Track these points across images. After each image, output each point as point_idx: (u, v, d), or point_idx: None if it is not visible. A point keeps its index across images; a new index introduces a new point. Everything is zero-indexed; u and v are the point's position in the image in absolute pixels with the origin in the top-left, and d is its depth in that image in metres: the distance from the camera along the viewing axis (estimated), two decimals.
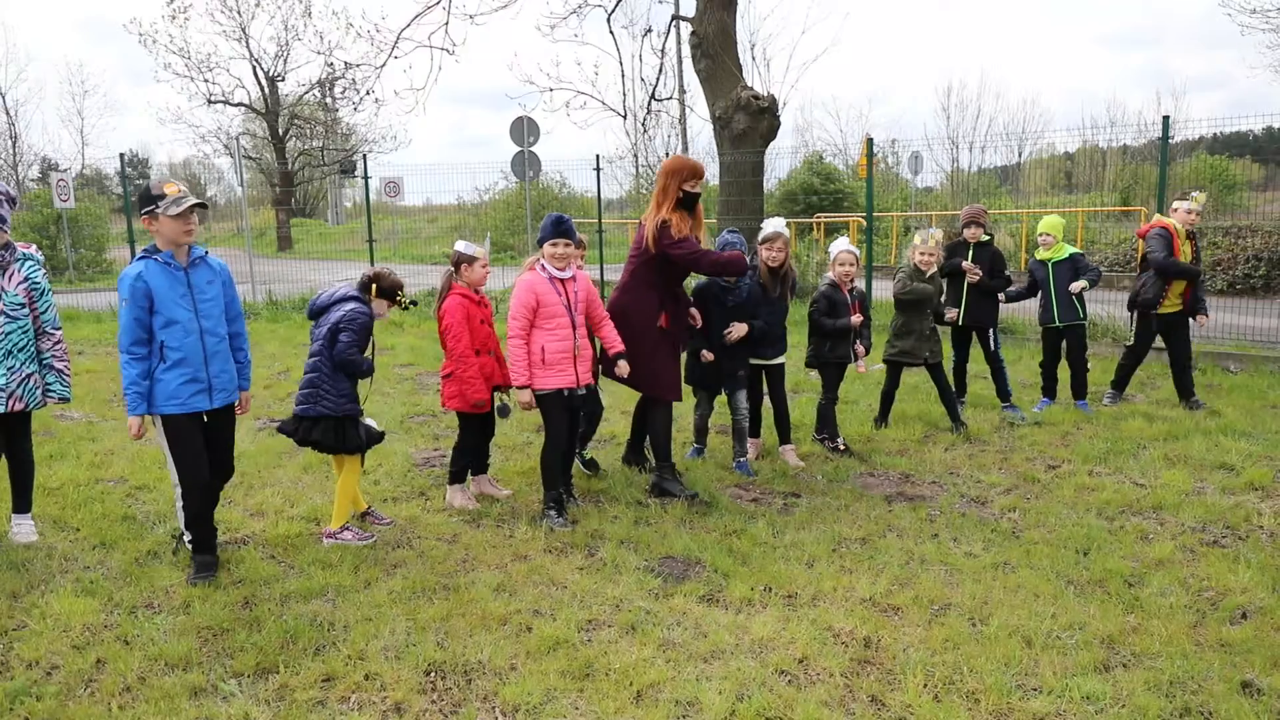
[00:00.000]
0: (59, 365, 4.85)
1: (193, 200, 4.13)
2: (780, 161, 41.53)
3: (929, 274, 6.77)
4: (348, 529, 4.84)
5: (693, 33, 12.21)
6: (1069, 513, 5.19)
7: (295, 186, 40.64)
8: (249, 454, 6.36)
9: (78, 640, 3.77)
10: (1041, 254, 7.37)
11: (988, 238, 7.34)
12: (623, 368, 5.23)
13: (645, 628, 3.81)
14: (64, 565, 4.57)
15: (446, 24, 13.18)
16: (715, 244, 5.90)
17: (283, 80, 35.81)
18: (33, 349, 4.73)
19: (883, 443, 6.71)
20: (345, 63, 16.02)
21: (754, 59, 27.30)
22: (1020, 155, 35.04)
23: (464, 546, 4.79)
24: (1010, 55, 67.57)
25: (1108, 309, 10.61)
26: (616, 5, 13.58)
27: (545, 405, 5.08)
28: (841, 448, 6.43)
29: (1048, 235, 7.33)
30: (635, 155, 31.21)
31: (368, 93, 14.56)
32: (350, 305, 4.78)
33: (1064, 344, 7.46)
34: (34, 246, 4.86)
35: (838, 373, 6.59)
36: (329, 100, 36.40)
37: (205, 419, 4.35)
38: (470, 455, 5.56)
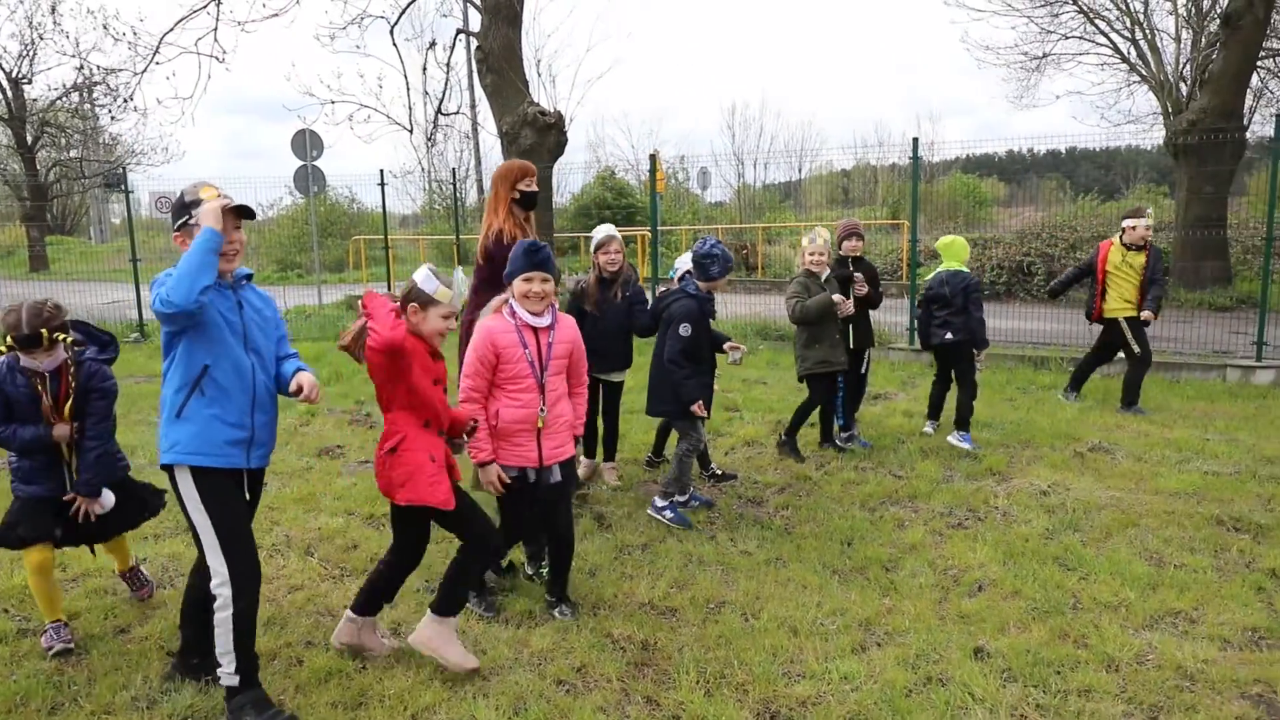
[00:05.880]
0: None
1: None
2: (573, 177, 42.01)
3: (824, 276, 6.43)
4: (49, 629, 3.82)
5: (478, 48, 12.16)
6: (836, 506, 5.55)
7: (50, 200, 36.96)
8: None
9: None
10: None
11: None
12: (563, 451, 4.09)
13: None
14: None
15: (215, 30, 12.45)
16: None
17: (29, 83, 32.48)
18: None
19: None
20: (99, 67, 14.74)
21: (539, 75, 27.54)
22: (800, 172, 37.20)
23: None
24: (788, 77, 71.97)
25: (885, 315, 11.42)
26: (400, 17, 13.31)
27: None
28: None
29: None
30: (426, 170, 30.63)
31: (126, 100, 13.43)
32: None
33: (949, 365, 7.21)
34: None
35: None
36: (86, 107, 33.36)
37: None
38: (401, 575, 3.77)
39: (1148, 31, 20.44)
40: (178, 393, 3.15)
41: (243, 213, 3.24)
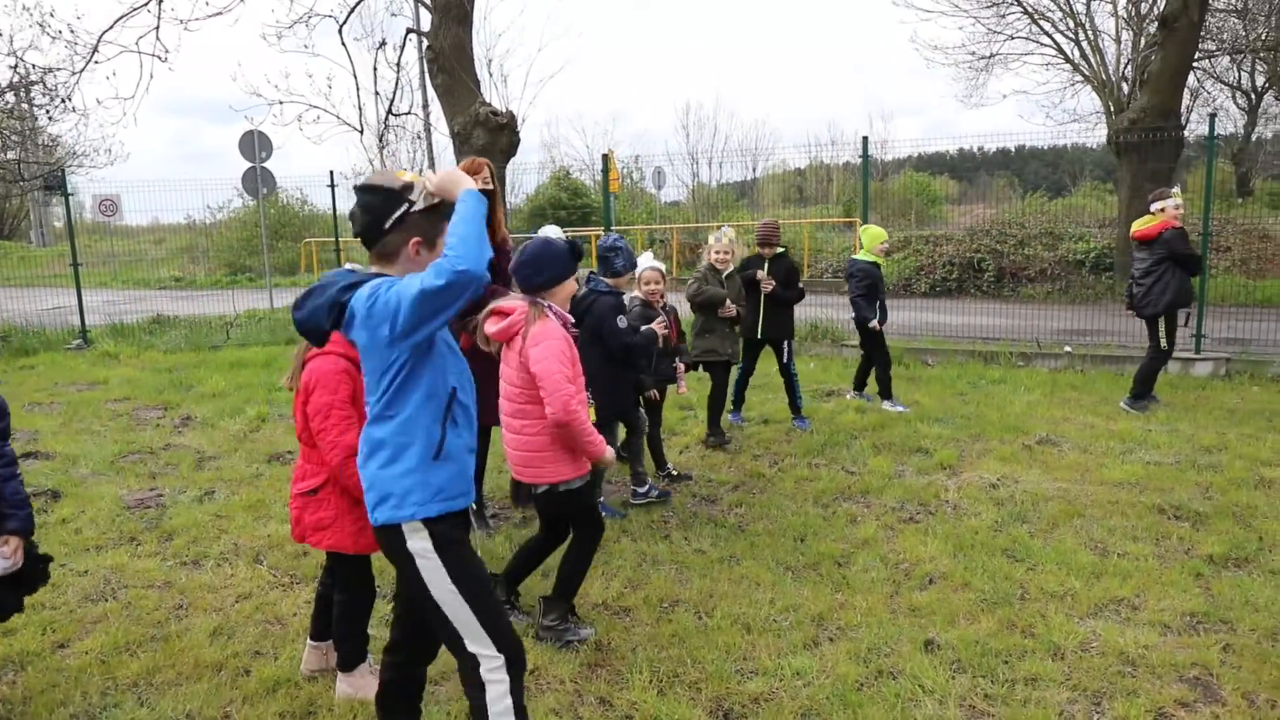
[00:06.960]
0: None
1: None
2: (527, 177, 41.85)
3: (726, 273, 6.82)
4: None
5: (428, 47, 12.06)
6: (789, 503, 5.59)
7: None
8: None
9: None
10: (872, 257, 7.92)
11: (782, 250, 7.39)
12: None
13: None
14: None
15: (157, 28, 12.18)
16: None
17: None
18: None
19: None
20: (35, 66, 14.34)
21: (491, 75, 27.37)
22: (755, 171, 37.43)
23: (179, 591, 4.42)
24: (742, 77, 72.46)
25: (827, 312, 11.55)
26: (348, 16, 13.15)
27: (583, 500, 3.84)
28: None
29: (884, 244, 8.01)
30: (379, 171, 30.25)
31: (64, 100, 13.10)
32: None
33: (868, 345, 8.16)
34: None
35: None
36: (24, 107, 32.47)
37: None
38: (362, 618, 3.51)
39: (1090, 32, 20.91)
40: (433, 426, 2.50)
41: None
